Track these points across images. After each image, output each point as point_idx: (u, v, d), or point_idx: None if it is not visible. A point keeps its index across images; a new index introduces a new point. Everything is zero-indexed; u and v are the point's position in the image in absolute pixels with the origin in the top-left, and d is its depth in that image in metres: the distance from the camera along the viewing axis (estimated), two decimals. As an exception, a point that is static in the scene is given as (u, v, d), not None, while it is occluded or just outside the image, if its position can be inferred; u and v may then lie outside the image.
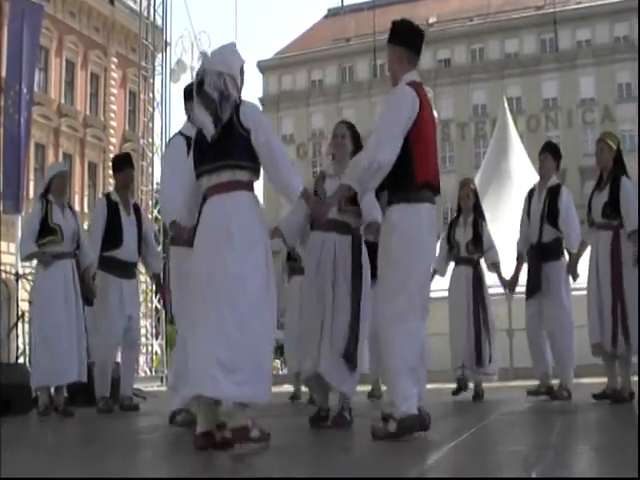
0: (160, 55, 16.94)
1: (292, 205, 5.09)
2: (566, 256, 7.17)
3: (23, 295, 11.86)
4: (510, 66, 48.70)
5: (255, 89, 55.18)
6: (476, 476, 3.27)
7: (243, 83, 4.49)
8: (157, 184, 17.11)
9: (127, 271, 7.87)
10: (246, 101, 4.42)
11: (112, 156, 27.43)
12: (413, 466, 3.61)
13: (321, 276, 5.38)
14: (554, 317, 7.15)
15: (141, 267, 8.56)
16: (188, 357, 4.30)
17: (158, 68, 16.59)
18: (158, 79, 16.47)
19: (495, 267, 7.94)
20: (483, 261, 8.06)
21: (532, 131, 45.48)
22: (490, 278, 8.18)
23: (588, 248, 6.94)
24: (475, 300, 7.83)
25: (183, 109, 5.69)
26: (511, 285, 7.79)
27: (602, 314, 6.56)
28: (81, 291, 7.43)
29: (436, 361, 5.15)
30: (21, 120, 12.92)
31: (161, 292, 8.14)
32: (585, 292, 6.87)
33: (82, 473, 3.78)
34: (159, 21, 16.65)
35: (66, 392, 7.62)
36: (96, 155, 31.77)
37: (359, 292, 5.35)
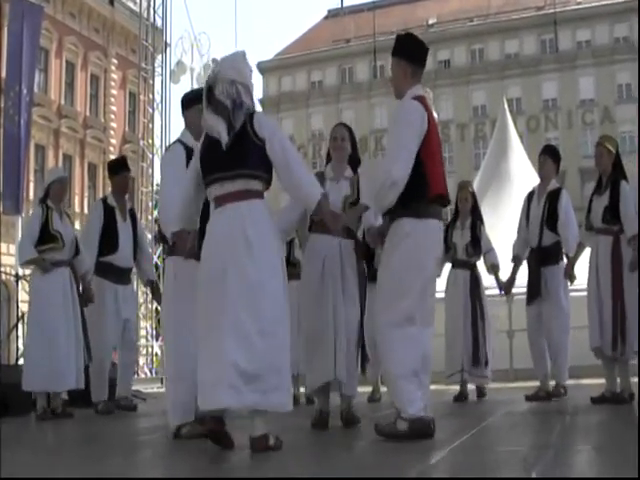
0: (160, 56, 16.94)
1: (299, 209, 5.05)
2: (565, 260, 7.18)
3: (23, 296, 11.85)
4: (510, 67, 48.72)
5: (255, 90, 54.92)
6: (476, 476, 3.27)
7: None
8: (157, 185, 17.11)
9: (123, 277, 7.84)
10: (260, 112, 4.42)
11: (112, 157, 27.55)
12: (413, 466, 3.61)
13: (329, 281, 5.33)
14: (552, 318, 7.17)
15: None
16: (200, 367, 4.17)
17: (158, 69, 16.59)
18: (158, 80, 16.47)
19: (494, 269, 7.92)
20: (481, 263, 8.05)
21: (532, 132, 45.53)
22: (488, 280, 8.17)
23: (586, 251, 6.95)
24: (473, 303, 7.84)
25: (181, 113, 5.62)
26: (507, 287, 7.78)
27: (602, 318, 6.56)
28: (79, 297, 7.39)
29: (436, 363, 5.14)
30: (21, 121, 12.91)
31: (159, 297, 8.08)
32: (584, 293, 6.87)
33: (82, 473, 3.79)
34: (159, 22, 16.66)
35: (66, 394, 7.60)
36: (96, 156, 31.77)
37: (364, 295, 5.40)
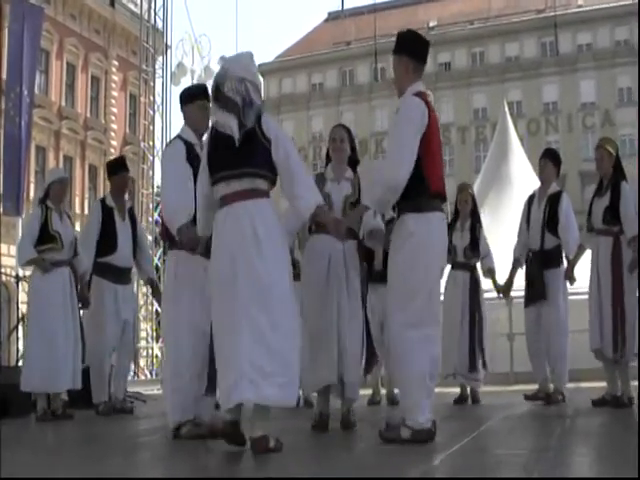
0: (161, 58, 16.96)
1: (303, 219, 5.04)
2: (565, 263, 7.18)
3: (23, 298, 11.84)
4: (510, 70, 48.74)
5: (256, 92, 54.98)
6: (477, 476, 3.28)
7: None
8: (157, 187, 17.11)
9: (122, 276, 7.82)
10: (266, 114, 4.42)
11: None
12: (415, 467, 3.62)
13: (334, 281, 5.32)
14: (551, 321, 7.17)
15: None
16: (219, 365, 4.22)
17: (159, 71, 16.62)
18: (159, 82, 16.49)
19: (491, 273, 7.91)
20: (479, 266, 8.04)
21: (532, 135, 45.52)
22: (487, 283, 8.17)
23: (587, 253, 6.95)
24: (471, 306, 7.82)
25: (181, 113, 5.62)
26: (505, 290, 7.77)
27: (603, 320, 6.56)
28: (77, 298, 7.39)
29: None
30: (22, 122, 12.91)
31: (158, 296, 8.08)
32: (584, 297, 6.87)
33: (81, 474, 3.79)
34: (160, 24, 16.68)
35: (66, 395, 7.60)
36: (97, 158, 31.77)
37: (365, 295, 5.43)
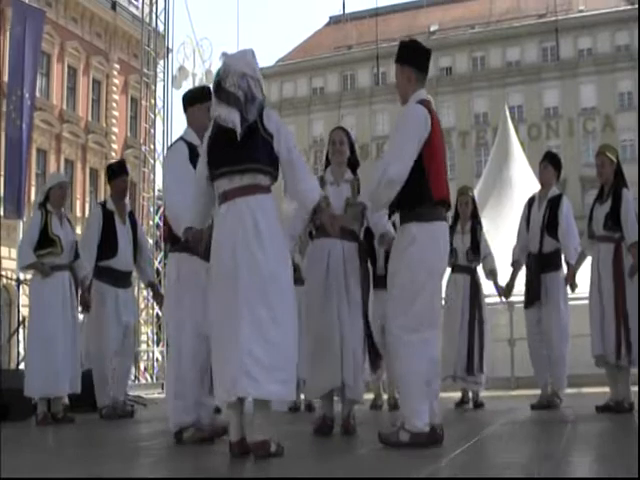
0: (162, 61, 16.96)
1: (306, 213, 5.02)
2: (564, 266, 7.17)
3: (24, 301, 11.83)
4: (511, 74, 48.76)
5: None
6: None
7: None
8: (159, 191, 17.09)
9: (123, 280, 7.83)
10: (269, 108, 4.42)
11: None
12: (415, 472, 3.61)
13: (333, 284, 5.33)
14: (551, 325, 7.17)
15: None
16: (218, 358, 4.20)
17: (160, 75, 16.61)
18: (160, 85, 16.48)
19: (492, 274, 7.92)
20: (481, 269, 8.04)
21: (533, 139, 45.52)
22: (489, 287, 8.16)
23: (588, 259, 6.95)
24: (471, 309, 7.82)
25: (184, 115, 5.62)
26: (507, 292, 7.77)
27: (604, 326, 6.56)
28: (78, 301, 7.39)
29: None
30: (23, 125, 12.94)
31: (159, 299, 8.09)
32: (585, 302, 6.87)
33: (81, 474, 3.79)
34: (161, 27, 16.67)
35: (67, 399, 7.59)
36: (98, 161, 31.79)
37: (367, 299, 5.38)
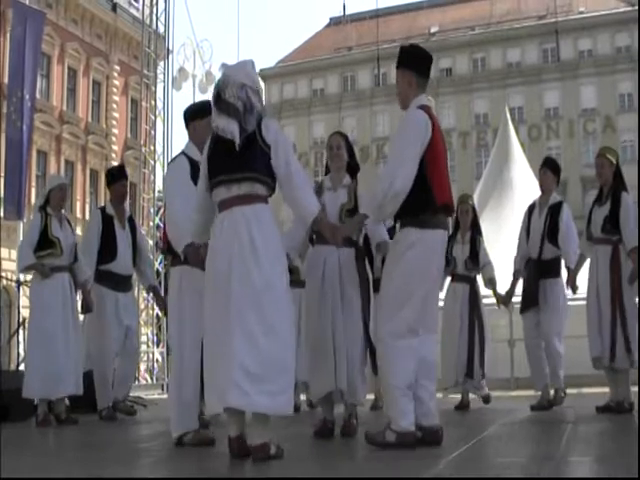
0: (162, 63, 16.95)
1: (304, 225, 5.00)
2: (563, 273, 7.18)
3: (24, 302, 11.82)
4: (512, 76, 48.78)
5: (257, 97, 55.10)
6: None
7: None
8: (159, 192, 17.10)
9: (123, 284, 7.83)
10: (268, 118, 4.40)
11: (114, 163, 27.62)
12: (414, 474, 3.62)
13: (328, 290, 5.34)
14: (550, 328, 7.16)
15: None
16: (209, 368, 4.20)
17: (160, 76, 16.59)
18: (160, 87, 16.47)
19: (491, 283, 7.91)
20: (480, 277, 8.04)
21: (533, 141, 45.56)
22: (486, 291, 8.15)
23: (587, 260, 6.95)
24: (470, 318, 7.82)
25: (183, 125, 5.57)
26: (506, 300, 7.75)
27: (602, 328, 6.57)
28: (80, 303, 7.39)
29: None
30: (23, 127, 12.94)
31: (161, 303, 8.12)
32: (584, 302, 6.87)
33: (81, 475, 3.79)
34: (161, 29, 16.66)
35: (67, 400, 7.59)
36: (98, 162, 31.81)
37: (368, 303, 5.35)
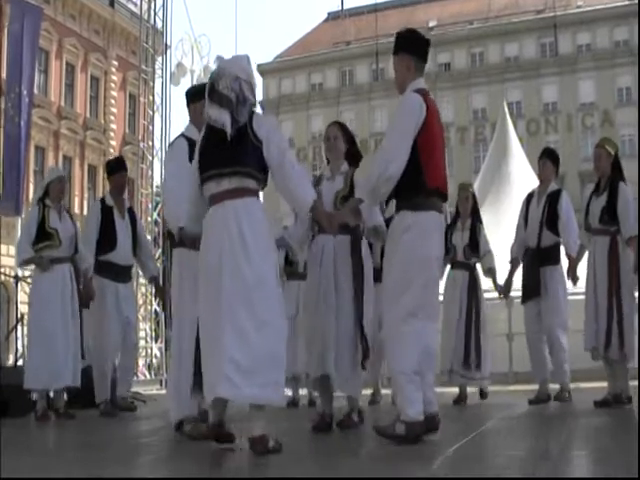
0: (160, 58, 16.94)
1: (300, 216, 5.04)
2: (563, 261, 7.17)
3: (22, 297, 11.84)
4: (510, 70, 48.74)
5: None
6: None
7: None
8: (157, 187, 17.08)
9: (122, 274, 7.86)
10: (258, 112, 4.42)
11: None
12: (412, 470, 3.62)
13: (323, 279, 5.40)
14: (551, 319, 7.16)
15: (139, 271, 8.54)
16: (203, 361, 4.25)
17: (158, 71, 16.58)
18: (158, 82, 16.46)
19: (491, 272, 7.90)
20: (479, 266, 8.03)
21: (532, 135, 45.52)
22: (487, 283, 8.16)
23: (586, 253, 6.95)
24: (469, 304, 7.82)
25: (186, 110, 5.58)
26: (505, 290, 7.76)
27: (598, 319, 6.57)
28: (79, 295, 7.41)
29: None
30: (21, 122, 12.93)
31: (160, 295, 8.14)
32: (582, 297, 6.87)
33: (81, 476, 3.78)
34: (159, 24, 16.64)
35: (65, 395, 7.60)
36: (96, 158, 31.77)
37: (361, 292, 5.32)
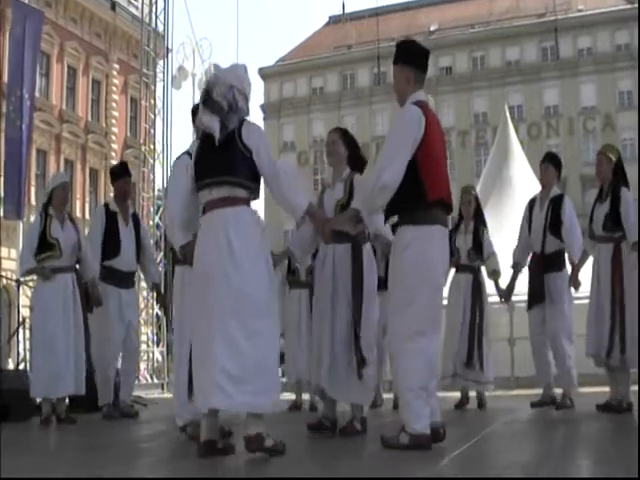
0: (162, 62, 16.96)
1: (296, 222, 5.07)
2: (567, 266, 7.16)
3: (24, 301, 11.84)
4: (511, 74, 48.77)
5: (256, 96, 55.22)
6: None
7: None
8: (158, 191, 17.09)
9: (126, 280, 7.86)
10: (249, 121, 4.44)
11: (114, 162, 27.60)
12: (415, 473, 3.62)
13: (323, 288, 5.41)
14: (556, 325, 7.14)
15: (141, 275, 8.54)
16: (195, 370, 4.28)
17: (159, 75, 16.61)
18: (159, 86, 16.49)
19: (495, 275, 7.87)
20: (484, 269, 8.02)
21: (533, 139, 45.54)
22: (491, 286, 8.15)
23: (590, 258, 6.94)
24: (473, 308, 7.80)
25: (187, 113, 5.63)
26: (507, 294, 7.75)
27: (601, 326, 6.56)
28: (85, 301, 7.40)
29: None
30: (22, 126, 12.93)
31: (162, 301, 8.14)
32: (585, 301, 6.87)
33: (81, 476, 3.79)
34: (161, 27, 16.67)
35: (67, 399, 7.60)
36: (97, 161, 31.82)
37: (359, 300, 5.28)
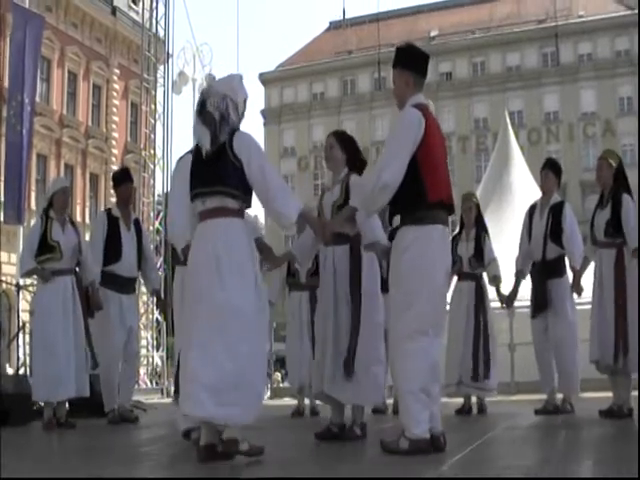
0: (162, 67, 17.00)
1: (286, 231, 5.09)
2: (569, 272, 7.15)
3: (24, 306, 11.84)
4: (511, 79, 48.85)
5: (257, 102, 55.32)
6: None
7: (244, 115, 4.52)
8: (159, 196, 17.12)
9: (127, 286, 7.85)
10: (242, 131, 4.45)
11: (114, 167, 27.66)
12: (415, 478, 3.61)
13: (325, 289, 5.41)
14: (559, 332, 7.13)
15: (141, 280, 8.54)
16: (180, 376, 4.38)
17: (160, 80, 16.66)
18: (160, 91, 16.54)
19: (496, 281, 7.85)
20: (485, 275, 8.01)
21: (533, 144, 45.58)
22: (492, 292, 8.14)
23: (592, 264, 6.93)
24: (476, 315, 7.78)
25: (187, 118, 5.68)
26: (509, 301, 7.74)
27: (603, 332, 6.55)
28: (86, 305, 7.40)
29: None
30: (23, 130, 12.95)
31: (162, 306, 8.15)
32: (587, 307, 6.85)
33: (81, 476, 3.79)
34: (161, 33, 16.72)
35: (67, 404, 7.59)
36: (98, 166, 31.83)
37: (358, 301, 5.28)
